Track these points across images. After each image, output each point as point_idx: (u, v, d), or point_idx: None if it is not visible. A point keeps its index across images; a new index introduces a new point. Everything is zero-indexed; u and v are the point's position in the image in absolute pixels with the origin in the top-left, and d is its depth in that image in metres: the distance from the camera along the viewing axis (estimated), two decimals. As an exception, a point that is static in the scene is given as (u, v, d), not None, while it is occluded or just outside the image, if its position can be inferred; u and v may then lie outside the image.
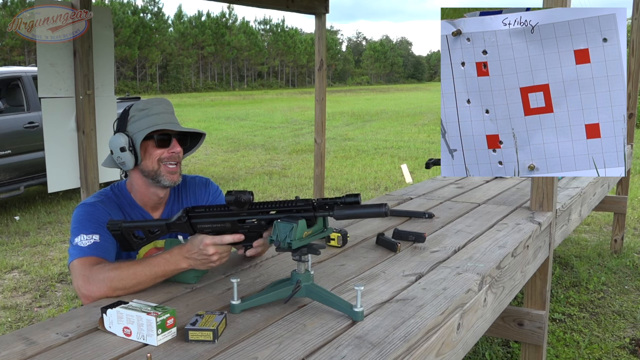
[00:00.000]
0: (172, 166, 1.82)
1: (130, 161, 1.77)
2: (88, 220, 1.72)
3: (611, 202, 4.90)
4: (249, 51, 74.76)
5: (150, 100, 1.85)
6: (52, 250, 5.25)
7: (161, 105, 1.83)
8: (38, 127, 6.31)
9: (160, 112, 1.81)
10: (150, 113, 1.79)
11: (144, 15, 61.88)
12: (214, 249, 1.55)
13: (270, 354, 1.23)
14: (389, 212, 1.35)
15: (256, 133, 15.57)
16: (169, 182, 1.82)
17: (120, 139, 1.76)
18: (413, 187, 3.34)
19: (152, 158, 1.80)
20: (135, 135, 1.77)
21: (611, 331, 3.48)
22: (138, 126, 1.78)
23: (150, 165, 1.80)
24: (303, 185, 8.22)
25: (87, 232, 1.69)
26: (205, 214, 1.58)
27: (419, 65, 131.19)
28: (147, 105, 1.81)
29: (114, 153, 1.78)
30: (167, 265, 1.60)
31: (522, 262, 2.21)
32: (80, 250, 1.66)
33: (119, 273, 1.59)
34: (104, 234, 1.70)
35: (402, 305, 1.52)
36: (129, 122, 1.80)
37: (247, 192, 1.50)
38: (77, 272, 1.62)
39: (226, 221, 1.56)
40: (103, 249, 1.68)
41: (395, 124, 17.96)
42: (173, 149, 1.81)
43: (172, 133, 1.82)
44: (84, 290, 1.59)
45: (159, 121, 1.79)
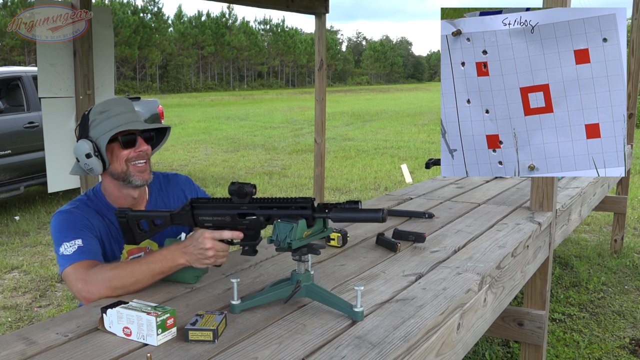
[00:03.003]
0: (141, 164, 1.79)
1: (97, 166, 1.75)
2: (67, 228, 1.71)
3: (611, 202, 4.89)
4: (249, 51, 74.76)
5: (108, 101, 1.82)
6: (52, 250, 5.25)
7: (120, 106, 1.80)
8: (38, 127, 6.31)
9: (121, 112, 1.78)
10: (111, 115, 1.76)
11: (144, 15, 61.89)
12: (211, 243, 1.54)
13: (270, 354, 1.23)
14: (386, 217, 1.35)
15: (256, 133, 15.57)
16: (140, 181, 1.80)
17: (84, 146, 1.73)
18: (413, 187, 3.34)
19: (120, 160, 1.77)
20: (99, 139, 1.74)
21: (611, 331, 3.48)
22: (100, 130, 1.75)
23: (119, 167, 1.78)
24: (303, 185, 8.22)
25: (68, 239, 1.68)
26: (208, 205, 1.59)
27: (419, 65, 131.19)
28: (106, 107, 1.78)
29: (80, 160, 1.75)
30: (164, 261, 1.60)
31: (522, 262, 2.21)
32: (68, 258, 1.64)
33: (117, 272, 1.59)
34: (85, 237, 1.69)
35: (402, 305, 1.52)
36: (91, 127, 1.77)
37: (250, 184, 1.51)
38: (74, 278, 1.61)
39: (227, 214, 1.56)
40: (89, 252, 1.67)
41: (395, 124, 17.96)
42: (140, 148, 1.79)
43: (137, 132, 1.79)
44: (84, 292, 1.58)
45: (121, 122, 1.76)
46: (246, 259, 1.92)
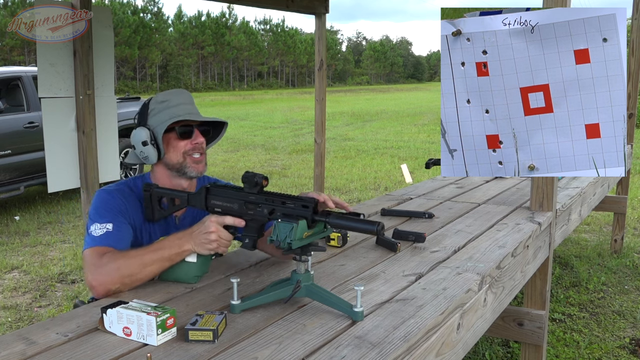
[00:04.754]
0: (197, 156, 1.81)
1: (153, 155, 1.77)
2: (104, 208, 1.72)
3: (611, 202, 4.89)
4: (249, 51, 74.75)
5: (170, 91, 1.84)
6: (52, 250, 5.25)
7: (181, 97, 1.82)
8: (38, 127, 6.31)
9: (180, 103, 1.80)
10: (170, 105, 1.78)
11: (144, 15, 61.88)
12: (215, 226, 1.56)
13: (270, 354, 1.23)
14: (381, 231, 1.36)
15: (256, 133, 15.57)
16: (195, 172, 1.82)
17: (141, 133, 1.75)
18: (413, 187, 3.34)
19: (177, 151, 1.79)
20: (156, 128, 1.76)
21: (611, 331, 3.48)
22: (159, 119, 1.77)
23: (175, 158, 1.79)
24: (303, 185, 8.22)
25: (101, 220, 1.69)
26: (220, 191, 1.63)
27: (419, 65, 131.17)
28: (166, 97, 1.80)
29: (137, 148, 1.77)
30: (172, 247, 1.61)
31: (522, 262, 2.21)
32: (93, 239, 1.66)
33: (125, 260, 1.60)
34: (117, 223, 1.70)
35: (402, 305, 1.52)
36: (150, 116, 1.79)
37: (262, 175, 1.54)
38: (87, 262, 1.63)
39: (235, 202, 1.59)
40: (115, 239, 1.67)
41: (395, 124, 17.96)
42: (196, 140, 1.80)
43: (194, 124, 1.81)
44: (92, 280, 1.59)
45: (179, 112, 1.78)
46: (246, 259, 1.92)
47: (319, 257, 1.95)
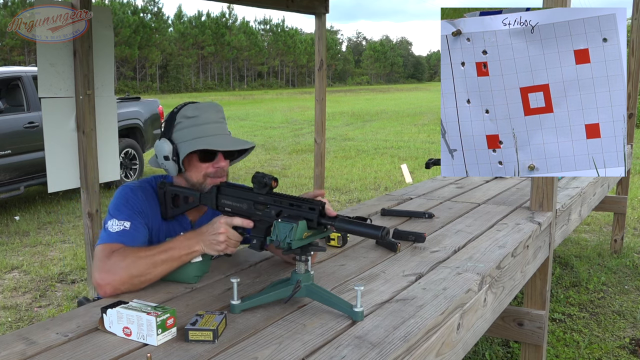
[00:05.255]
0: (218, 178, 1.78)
1: (173, 170, 1.75)
2: (124, 206, 1.72)
3: (611, 202, 4.90)
4: (249, 51, 74.74)
5: (200, 105, 1.77)
6: (52, 250, 5.25)
7: (210, 113, 1.77)
8: (38, 127, 6.31)
9: (208, 121, 1.75)
10: (198, 122, 1.73)
11: (144, 15, 61.84)
12: (224, 227, 1.57)
13: (270, 354, 1.23)
14: (385, 236, 1.36)
15: (256, 133, 15.57)
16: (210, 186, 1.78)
17: (164, 147, 1.72)
18: (413, 187, 3.34)
19: (198, 171, 1.76)
20: (180, 145, 1.72)
21: (611, 331, 3.48)
22: (183, 135, 1.72)
23: (195, 177, 1.77)
24: (303, 185, 8.22)
25: (120, 217, 1.69)
26: (231, 191, 1.64)
27: (419, 65, 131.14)
28: (195, 113, 1.74)
29: (158, 158, 1.76)
30: (182, 248, 1.61)
31: (522, 262, 2.21)
32: (109, 235, 1.66)
33: (134, 260, 1.59)
34: (135, 222, 1.70)
35: (402, 305, 1.52)
36: (175, 129, 1.74)
37: (271, 176, 1.55)
38: (97, 258, 1.62)
39: (244, 202, 1.60)
40: (130, 238, 1.67)
41: (395, 124, 17.96)
42: (218, 164, 1.77)
43: None
44: (99, 279, 1.57)
45: (207, 133, 1.73)
46: (246, 258, 1.92)
47: (319, 257, 1.95)
